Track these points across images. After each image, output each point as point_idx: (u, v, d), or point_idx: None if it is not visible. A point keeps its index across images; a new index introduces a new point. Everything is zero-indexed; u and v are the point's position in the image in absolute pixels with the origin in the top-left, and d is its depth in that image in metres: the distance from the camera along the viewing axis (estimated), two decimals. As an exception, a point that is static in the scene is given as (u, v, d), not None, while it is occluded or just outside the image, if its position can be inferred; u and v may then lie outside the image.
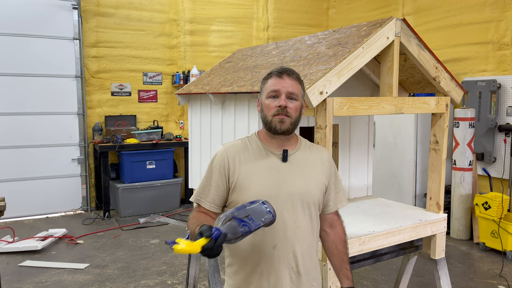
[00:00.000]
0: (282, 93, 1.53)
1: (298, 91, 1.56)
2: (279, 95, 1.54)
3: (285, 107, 1.52)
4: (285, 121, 1.53)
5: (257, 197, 1.53)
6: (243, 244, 1.53)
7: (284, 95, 1.53)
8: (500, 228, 4.28)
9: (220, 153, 1.62)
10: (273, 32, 7.24)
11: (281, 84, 1.54)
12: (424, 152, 5.20)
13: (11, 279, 3.81)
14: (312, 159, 1.64)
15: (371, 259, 2.29)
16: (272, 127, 1.54)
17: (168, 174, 6.13)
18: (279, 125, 1.53)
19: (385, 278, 3.85)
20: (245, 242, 1.53)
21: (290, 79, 1.55)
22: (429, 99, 2.35)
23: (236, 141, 1.66)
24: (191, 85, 3.17)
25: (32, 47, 5.69)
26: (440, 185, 2.48)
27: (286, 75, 1.55)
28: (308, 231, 1.60)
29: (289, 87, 1.54)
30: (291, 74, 1.56)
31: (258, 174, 1.56)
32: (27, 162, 5.74)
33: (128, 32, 6.23)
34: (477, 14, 5.09)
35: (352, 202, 2.78)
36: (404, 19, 2.20)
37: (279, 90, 1.54)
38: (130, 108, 6.35)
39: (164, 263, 4.18)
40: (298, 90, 1.56)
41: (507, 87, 4.74)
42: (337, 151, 2.80)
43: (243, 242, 1.50)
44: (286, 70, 1.57)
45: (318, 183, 1.62)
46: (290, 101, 1.54)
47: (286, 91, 1.53)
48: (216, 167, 1.59)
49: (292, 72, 1.57)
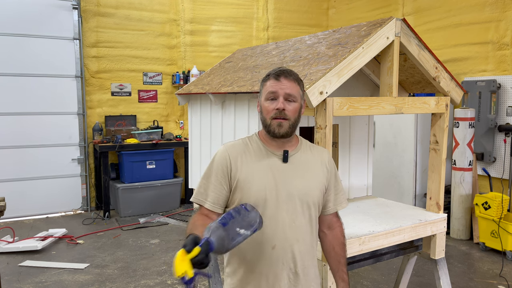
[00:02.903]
0: (280, 95, 1.53)
1: (296, 92, 1.55)
2: (277, 97, 1.53)
3: (283, 109, 1.52)
4: (284, 124, 1.53)
5: (258, 197, 1.53)
6: (242, 243, 1.53)
7: (282, 97, 1.53)
8: (500, 228, 4.28)
9: (221, 153, 1.61)
10: (273, 32, 7.24)
11: (279, 86, 1.53)
12: (424, 152, 5.19)
13: (11, 279, 3.81)
14: (312, 160, 1.64)
15: (371, 259, 2.29)
16: (271, 130, 1.55)
17: (168, 174, 6.13)
18: (278, 128, 1.53)
19: (385, 278, 3.85)
20: (244, 242, 1.52)
21: (288, 80, 1.54)
22: (429, 99, 2.35)
23: (236, 141, 1.66)
24: (191, 85, 3.17)
25: (32, 47, 5.69)
26: (440, 185, 2.48)
27: (283, 77, 1.54)
28: (307, 232, 1.60)
29: (286, 89, 1.53)
30: (289, 76, 1.55)
31: (258, 174, 1.55)
32: (27, 162, 5.73)
33: (128, 32, 6.23)
34: (477, 14, 5.09)
35: (352, 202, 2.78)
36: (404, 19, 2.20)
37: (277, 92, 1.53)
38: (130, 108, 6.35)
39: (164, 263, 4.18)
40: (297, 91, 1.56)
41: (507, 87, 4.74)
42: (337, 151, 2.80)
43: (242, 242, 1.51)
44: (284, 71, 1.56)
45: (318, 184, 1.62)
46: (288, 103, 1.53)
47: (284, 93, 1.53)
48: (218, 167, 1.58)
49: (290, 74, 1.56)
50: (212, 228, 1.28)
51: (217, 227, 1.28)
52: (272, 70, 1.59)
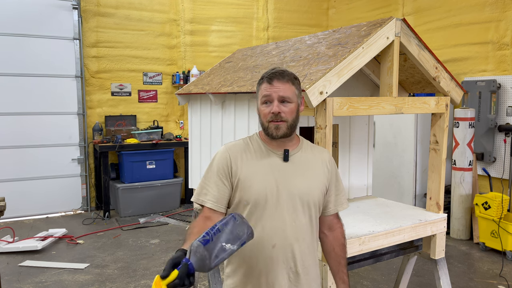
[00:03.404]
0: (274, 99, 1.52)
1: (291, 93, 1.53)
2: (272, 101, 1.52)
3: (279, 113, 1.51)
4: (281, 127, 1.52)
5: (259, 196, 1.53)
6: None
7: (276, 100, 1.51)
8: (500, 228, 4.28)
9: (222, 152, 1.61)
10: (273, 32, 7.24)
11: (272, 90, 1.52)
12: (424, 152, 5.19)
13: (11, 279, 3.81)
14: (313, 160, 1.63)
15: (371, 259, 2.29)
16: (269, 133, 1.55)
17: (168, 174, 6.13)
18: (275, 131, 1.53)
19: (385, 278, 3.85)
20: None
21: (282, 82, 1.52)
22: (429, 99, 2.35)
23: (237, 141, 1.66)
24: (191, 85, 3.17)
25: (32, 47, 5.69)
26: (440, 185, 2.48)
27: (276, 80, 1.52)
28: (307, 231, 1.60)
29: (280, 91, 1.51)
30: (282, 78, 1.53)
31: (259, 173, 1.56)
32: (27, 162, 5.73)
33: (128, 32, 6.23)
34: (477, 14, 5.09)
35: (352, 202, 2.78)
36: (404, 19, 2.20)
37: (271, 96, 1.52)
38: (130, 108, 6.35)
39: (164, 263, 4.17)
40: (291, 92, 1.53)
41: (507, 87, 4.74)
42: (337, 151, 2.80)
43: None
44: (276, 74, 1.53)
45: (319, 184, 1.61)
46: (283, 104, 1.52)
47: (278, 96, 1.51)
48: (220, 166, 1.58)
49: (283, 75, 1.54)
50: (192, 248, 1.22)
51: (197, 246, 1.22)
52: (266, 73, 1.57)
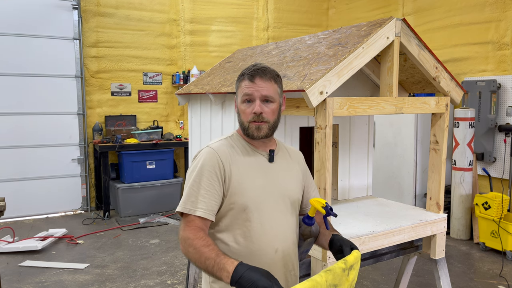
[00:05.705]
0: (256, 98, 1.45)
1: (273, 92, 1.47)
2: (253, 100, 1.45)
3: (261, 113, 1.44)
4: (262, 127, 1.46)
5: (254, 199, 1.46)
6: (242, 248, 1.45)
7: (258, 99, 1.45)
8: (500, 228, 4.28)
9: (209, 154, 1.48)
10: (273, 32, 7.24)
11: (254, 88, 1.44)
12: (424, 152, 5.19)
13: (11, 279, 3.81)
14: (290, 160, 1.63)
15: (371, 259, 2.29)
16: (250, 133, 1.48)
17: (168, 174, 6.13)
18: (256, 132, 1.47)
19: (385, 278, 3.84)
20: (246, 250, 1.45)
21: (264, 81, 1.45)
22: (429, 99, 2.35)
23: (220, 141, 1.54)
24: (191, 85, 3.17)
25: (32, 47, 5.68)
26: (440, 185, 2.48)
27: (258, 78, 1.45)
28: (295, 230, 1.58)
29: (263, 90, 1.44)
30: (264, 76, 1.46)
31: (250, 174, 1.49)
32: (27, 162, 5.73)
33: (128, 32, 6.23)
34: (477, 14, 5.09)
35: (352, 202, 2.78)
36: (404, 19, 2.20)
37: (253, 95, 1.45)
38: (130, 108, 6.35)
39: (164, 263, 4.18)
40: (274, 90, 1.47)
41: (507, 87, 4.74)
42: (337, 151, 2.80)
43: (242, 247, 1.44)
44: (258, 71, 1.46)
45: (298, 183, 1.61)
46: (266, 104, 1.46)
47: (260, 95, 1.45)
48: (211, 170, 1.44)
49: (265, 73, 1.46)
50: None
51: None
52: (247, 69, 1.48)
